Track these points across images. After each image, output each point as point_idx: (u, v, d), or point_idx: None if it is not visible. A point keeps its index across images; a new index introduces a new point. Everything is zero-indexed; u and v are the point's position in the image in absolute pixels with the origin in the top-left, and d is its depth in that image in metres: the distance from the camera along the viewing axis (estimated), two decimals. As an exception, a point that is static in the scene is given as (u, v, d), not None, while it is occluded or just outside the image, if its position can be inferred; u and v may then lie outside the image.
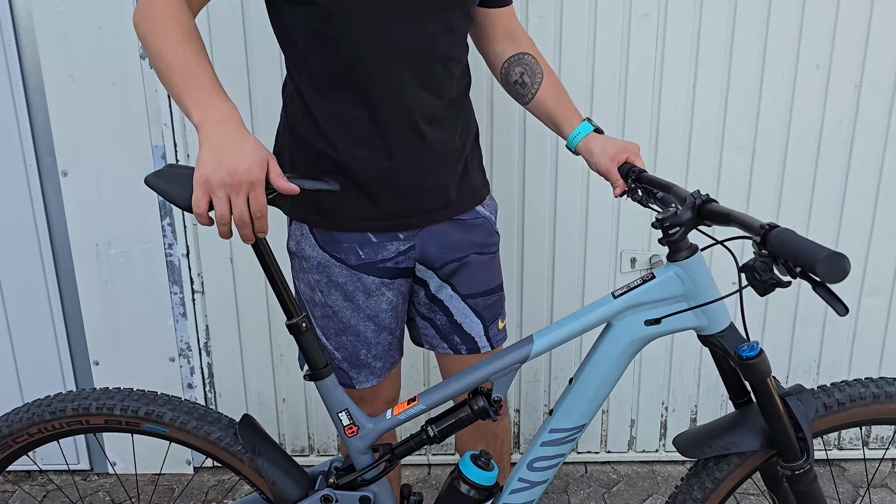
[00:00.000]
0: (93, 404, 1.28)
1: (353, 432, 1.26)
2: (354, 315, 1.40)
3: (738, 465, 1.22)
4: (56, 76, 1.92)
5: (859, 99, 1.98)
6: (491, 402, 1.22)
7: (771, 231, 0.94)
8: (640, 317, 1.18)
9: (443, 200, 1.38)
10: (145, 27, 1.12)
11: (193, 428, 1.28)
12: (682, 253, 1.15)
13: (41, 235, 2.05)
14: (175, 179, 1.11)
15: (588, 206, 2.06)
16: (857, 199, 2.06)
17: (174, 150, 1.99)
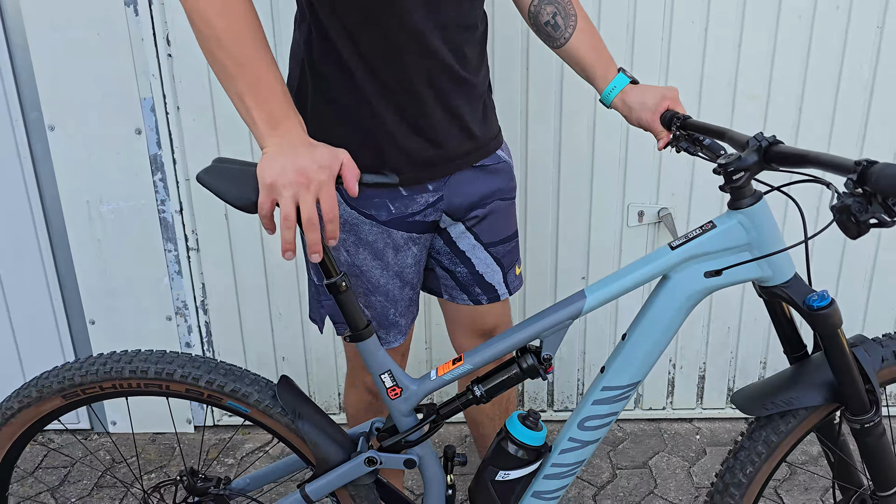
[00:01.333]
0: (152, 368, 1.22)
1: (397, 394, 1.21)
2: (384, 273, 1.35)
3: (802, 419, 1.18)
4: (38, 26, 1.84)
5: (881, 41, 1.88)
6: (541, 360, 1.17)
7: (872, 167, 0.87)
8: (700, 268, 1.12)
9: (468, 145, 1.33)
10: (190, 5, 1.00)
11: (231, 391, 1.23)
12: (746, 200, 1.08)
13: (31, 193, 2.00)
14: (230, 177, 1.06)
15: (594, 157, 1.99)
16: (876, 148, 1.97)
17: (163, 102, 1.92)
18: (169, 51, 1.88)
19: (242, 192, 1.04)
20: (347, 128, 1.24)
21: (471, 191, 1.37)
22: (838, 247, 2.07)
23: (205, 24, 1.00)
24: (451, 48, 1.24)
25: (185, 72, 1.90)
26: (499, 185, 1.41)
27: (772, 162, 1.01)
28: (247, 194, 1.04)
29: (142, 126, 1.93)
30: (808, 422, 1.18)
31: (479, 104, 1.35)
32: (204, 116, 1.94)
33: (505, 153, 1.43)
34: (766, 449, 1.19)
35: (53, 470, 2.09)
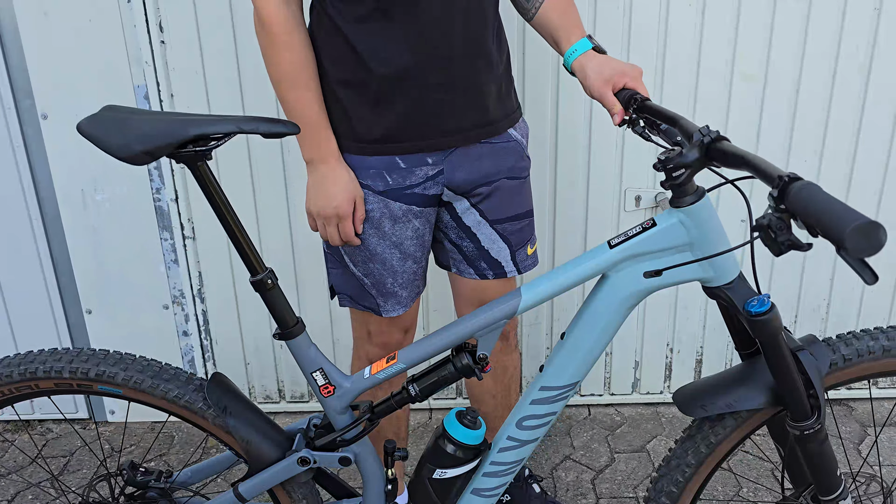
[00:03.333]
0: (40, 368, 1.22)
1: (330, 392, 1.20)
2: (380, 243, 1.38)
3: (738, 425, 1.13)
4: (29, 11, 1.82)
5: (878, 23, 1.87)
6: (476, 359, 1.15)
7: (791, 184, 0.80)
8: (639, 268, 1.08)
9: (473, 119, 1.34)
10: (263, 49, 1.28)
11: (149, 387, 1.22)
12: (688, 198, 1.02)
13: (24, 181, 1.98)
14: (115, 127, 1.06)
15: (591, 141, 1.98)
16: (874, 130, 1.97)
17: (157, 89, 1.90)
18: (162, 38, 1.86)
19: (125, 142, 1.04)
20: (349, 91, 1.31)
21: (474, 167, 1.38)
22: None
23: (268, 65, 1.28)
24: (464, 22, 1.28)
25: (178, 59, 1.88)
26: (506, 164, 1.42)
27: (713, 160, 0.95)
28: (130, 145, 1.04)
29: (135, 113, 1.91)
30: (749, 425, 1.14)
31: (492, 80, 1.36)
32: (198, 103, 1.92)
33: (518, 132, 1.44)
34: (700, 455, 1.16)
35: (49, 461, 2.10)
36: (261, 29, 1.26)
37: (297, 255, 2.07)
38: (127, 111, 1.09)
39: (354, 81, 1.29)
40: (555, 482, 1.95)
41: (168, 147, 1.04)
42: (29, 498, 1.95)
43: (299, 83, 1.27)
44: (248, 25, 1.84)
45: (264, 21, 1.24)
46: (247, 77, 1.90)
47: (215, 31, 1.86)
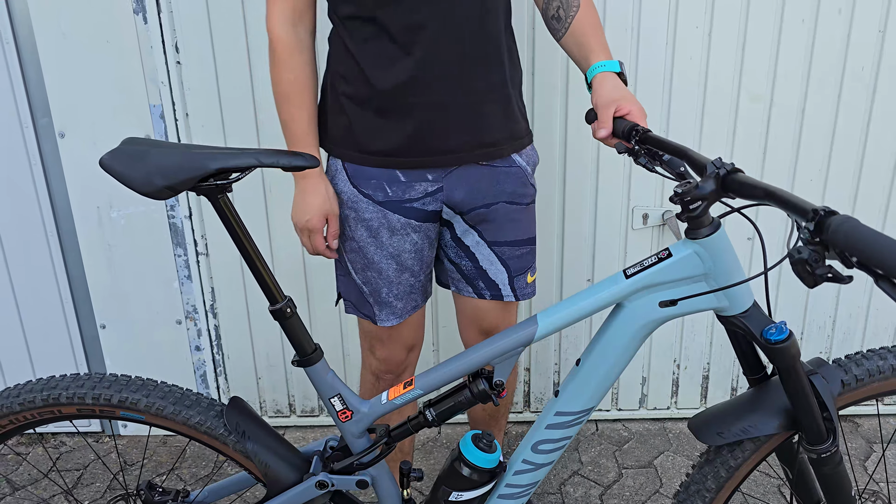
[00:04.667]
0: (63, 394, 1.23)
1: (347, 417, 1.23)
2: (378, 252, 1.44)
3: (756, 449, 1.15)
4: (47, 32, 1.86)
5: (883, 44, 1.90)
6: (492, 385, 1.16)
7: (829, 218, 0.80)
8: (655, 297, 1.09)
9: (473, 140, 1.38)
10: (269, 67, 1.38)
11: (171, 413, 1.23)
12: (704, 230, 1.03)
13: (41, 199, 2.01)
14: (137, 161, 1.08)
15: (599, 160, 2.00)
16: (879, 148, 1.99)
17: (172, 109, 1.93)
18: (178, 58, 1.90)
19: (147, 177, 1.06)
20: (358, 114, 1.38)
21: (474, 188, 1.42)
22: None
23: (272, 82, 1.38)
24: (469, 43, 1.32)
25: (193, 79, 1.92)
26: (506, 189, 1.45)
27: (729, 191, 0.96)
28: (152, 180, 1.06)
29: (151, 132, 1.94)
30: (765, 449, 1.16)
31: (495, 102, 1.39)
32: (212, 123, 1.96)
33: (524, 159, 1.47)
34: (720, 480, 1.17)
35: (63, 474, 2.12)
36: (269, 48, 1.36)
37: (308, 271, 2.09)
38: (147, 144, 1.11)
39: (359, 96, 1.36)
40: (563, 497, 1.97)
41: (190, 181, 1.07)
42: (43, 511, 1.97)
43: (293, 100, 1.37)
44: (262, 47, 1.88)
45: (272, 41, 1.35)
46: (260, 97, 1.93)
47: (230, 52, 1.89)
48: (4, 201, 2.01)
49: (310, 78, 1.38)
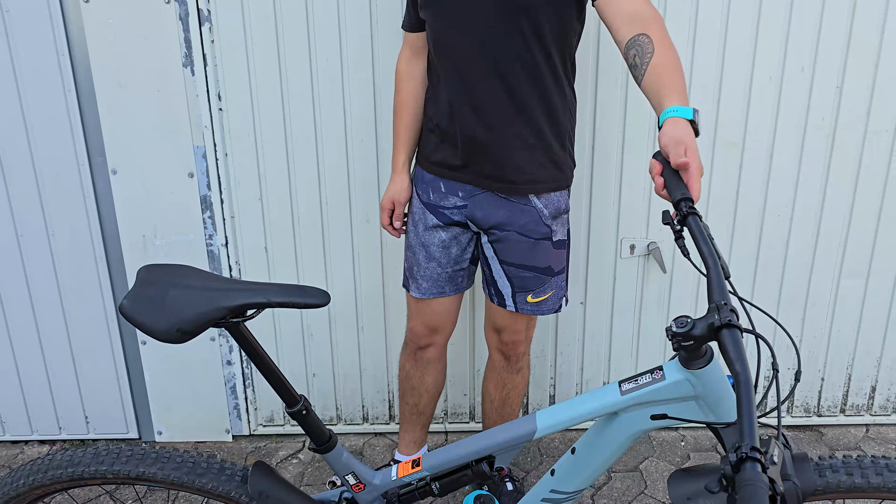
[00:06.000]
0: (86, 470, 1.32)
1: (361, 489, 1.39)
2: (415, 238, 1.86)
3: None
4: (105, 83, 2.10)
5: (840, 98, 2.16)
6: (493, 469, 1.29)
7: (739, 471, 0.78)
8: (646, 412, 1.17)
9: (494, 175, 1.71)
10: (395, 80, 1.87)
11: (187, 482, 1.34)
12: (698, 362, 1.09)
13: (93, 228, 2.24)
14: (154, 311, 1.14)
15: (592, 196, 2.26)
16: (838, 189, 2.25)
17: (214, 149, 2.17)
18: (220, 105, 2.14)
19: (168, 329, 1.13)
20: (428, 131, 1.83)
21: (490, 213, 1.75)
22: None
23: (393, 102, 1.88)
24: (505, 81, 1.63)
25: (233, 123, 2.16)
26: (519, 221, 1.74)
27: (716, 340, 0.98)
28: (171, 331, 1.13)
29: (194, 170, 2.18)
30: None
31: (521, 148, 1.68)
32: (249, 162, 2.20)
33: (541, 202, 1.75)
34: None
35: (108, 475, 2.33)
36: (396, 74, 1.85)
37: (359, 301, 2.33)
38: (163, 283, 1.18)
39: (428, 120, 1.82)
40: (559, 498, 2.21)
41: (207, 325, 1.17)
42: (91, 509, 2.19)
43: (397, 114, 1.87)
44: (298, 97, 2.12)
45: (396, 72, 1.86)
46: (293, 138, 2.17)
47: (268, 100, 2.13)
48: (60, 229, 2.24)
49: (412, 101, 1.83)
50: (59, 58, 2.08)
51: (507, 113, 1.65)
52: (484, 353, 2.13)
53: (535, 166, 1.71)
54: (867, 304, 2.39)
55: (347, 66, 2.11)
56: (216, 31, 2.07)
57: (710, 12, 2.07)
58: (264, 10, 2.05)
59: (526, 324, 1.90)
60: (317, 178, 2.21)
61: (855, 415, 2.53)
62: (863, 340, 2.44)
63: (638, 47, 1.35)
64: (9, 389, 2.42)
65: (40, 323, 2.34)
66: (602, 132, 2.18)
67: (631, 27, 1.39)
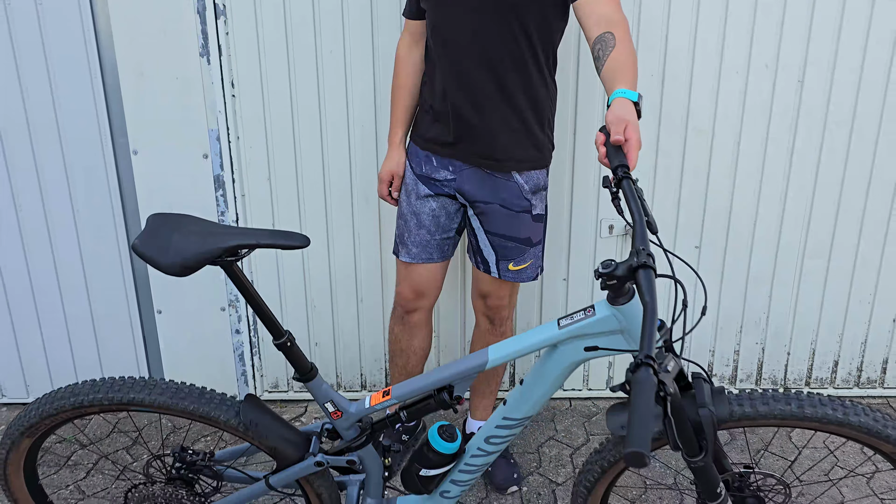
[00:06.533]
0: (84, 399, 1.50)
1: (339, 416, 1.55)
2: (407, 207, 2.06)
3: None
4: (129, 71, 2.30)
5: (802, 92, 2.36)
6: (452, 397, 1.46)
7: (639, 368, 0.95)
8: (581, 343, 1.36)
9: (481, 152, 1.91)
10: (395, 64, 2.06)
11: (188, 409, 1.52)
12: (621, 299, 1.29)
13: (114, 203, 2.44)
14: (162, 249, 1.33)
15: (573, 181, 2.45)
16: (800, 173, 2.44)
17: (227, 132, 2.37)
18: (233, 92, 2.34)
19: (172, 263, 1.33)
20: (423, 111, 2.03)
21: (477, 186, 1.95)
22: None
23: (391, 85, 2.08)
24: (494, 71, 1.82)
25: (245, 109, 2.36)
26: (501, 195, 1.94)
27: (634, 281, 1.13)
28: (175, 266, 1.32)
29: (208, 151, 2.38)
30: (654, 447, 1.40)
31: (506, 129, 1.88)
32: (259, 144, 2.39)
33: (523, 178, 1.94)
34: (607, 464, 1.47)
35: (121, 435, 2.53)
36: (396, 57, 2.05)
37: (359, 274, 2.53)
38: (169, 227, 1.36)
39: (423, 101, 2.00)
40: (540, 456, 2.40)
41: (206, 262, 1.36)
42: (109, 466, 2.38)
43: (395, 95, 2.06)
44: (305, 85, 2.32)
45: (395, 58, 2.05)
46: (300, 125, 2.37)
47: (277, 87, 2.33)
48: (84, 205, 2.44)
49: (409, 83, 2.02)
50: (86, 47, 2.28)
51: (495, 99, 1.85)
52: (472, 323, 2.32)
53: (518, 147, 1.92)
54: (829, 283, 2.57)
55: (350, 59, 2.31)
56: (230, 24, 2.27)
57: (682, 14, 2.27)
58: (275, 4, 2.25)
59: (509, 290, 2.09)
60: (321, 160, 2.41)
61: (819, 387, 2.71)
62: (826, 318, 2.62)
63: (602, 42, 1.55)
64: (34, 355, 2.62)
65: (64, 293, 2.54)
66: (582, 120, 2.38)
67: (600, 26, 1.59)
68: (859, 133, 2.39)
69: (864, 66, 2.32)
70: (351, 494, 1.64)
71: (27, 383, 2.66)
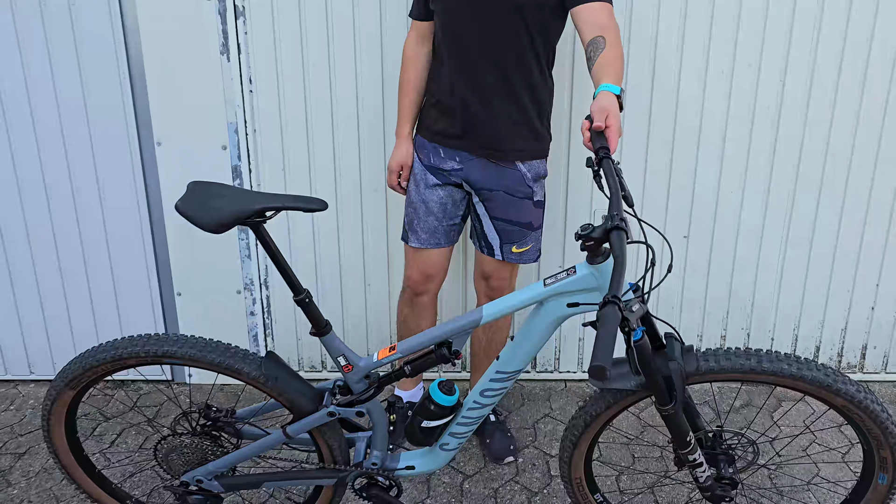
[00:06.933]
0: (123, 352, 1.66)
1: (349, 369, 1.69)
2: (416, 195, 2.20)
3: (627, 395, 1.62)
4: (154, 68, 2.47)
5: (783, 90, 2.51)
6: (451, 352, 1.60)
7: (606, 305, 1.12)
8: (563, 300, 1.53)
9: (487, 143, 2.07)
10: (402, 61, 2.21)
11: (216, 361, 1.67)
12: (598, 258, 1.45)
13: (139, 191, 2.61)
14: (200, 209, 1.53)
15: (568, 176, 2.61)
16: (783, 165, 2.59)
17: (244, 126, 2.54)
18: (250, 88, 2.51)
19: (210, 222, 1.50)
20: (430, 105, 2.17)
21: (482, 175, 2.11)
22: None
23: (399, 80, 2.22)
24: (499, 67, 1.99)
25: (261, 103, 2.52)
26: (505, 183, 2.10)
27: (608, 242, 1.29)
28: (212, 224, 1.50)
29: (227, 143, 2.54)
30: (632, 399, 1.61)
31: (510, 122, 2.04)
32: (274, 137, 2.56)
33: (525, 167, 2.11)
34: (599, 410, 1.63)
35: (144, 408, 2.70)
36: (403, 55, 2.20)
37: (366, 260, 2.69)
38: (205, 192, 1.56)
39: (430, 97, 2.15)
40: (535, 431, 2.55)
41: (238, 221, 1.53)
42: (132, 434, 2.55)
43: (403, 90, 2.21)
44: (318, 82, 2.49)
45: (403, 52, 2.20)
46: (313, 119, 2.53)
47: (290, 83, 2.50)
48: (110, 193, 2.61)
49: (416, 78, 2.17)
50: (115, 46, 2.45)
51: (500, 93, 2.02)
52: (474, 305, 2.47)
53: (521, 138, 2.08)
54: (810, 273, 2.72)
55: (360, 58, 2.47)
56: (249, 24, 2.44)
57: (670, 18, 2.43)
58: (290, 7, 2.42)
59: (510, 272, 2.25)
60: (332, 152, 2.58)
61: (801, 372, 2.86)
62: (807, 305, 2.77)
63: (595, 45, 1.75)
64: (61, 336, 2.79)
65: (90, 275, 2.71)
66: (577, 114, 2.53)
67: (593, 31, 1.79)
68: (838, 130, 2.54)
69: (842, 68, 2.47)
70: (359, 449, 1.80)
71: (54, 361, 2.83)
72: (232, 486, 1.80)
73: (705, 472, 1.65)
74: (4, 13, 2.41)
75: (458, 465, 2.37)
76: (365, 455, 1.79)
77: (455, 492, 2.26)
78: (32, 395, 2.79)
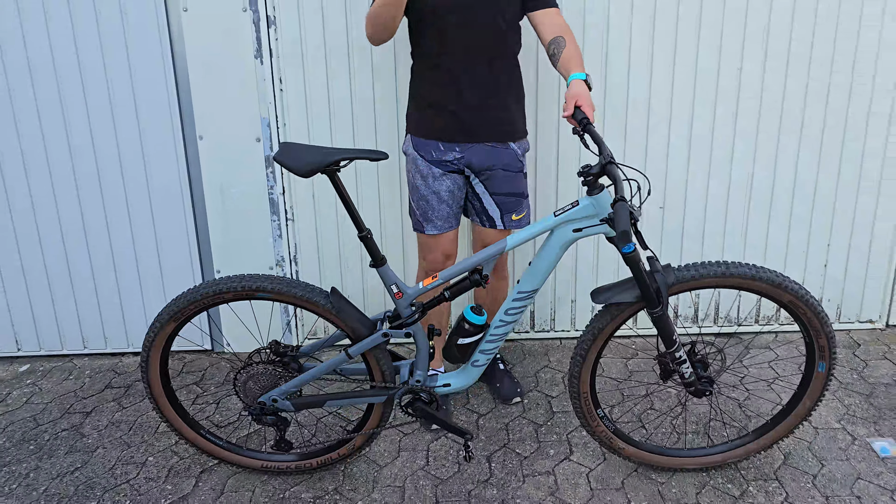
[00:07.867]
0: (224, 287, 1.99)
1: (400, 296, 2.04)
2: (426, 189, 2.44)
3: (626, 309, 2.01)
4: (197, 71, 2.82)
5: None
6: (482, 276, 1.99)
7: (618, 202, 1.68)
8: (570, 227, 1.94)
9: (484, 132, 2.39)
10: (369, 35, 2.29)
11: (296, 295, 2.00)
12: (595, 190, 1.87)
13: (182, 181, 2.96)
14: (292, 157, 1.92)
15: (559, 144, 3.00)
16: (742, 146, 3.01)
17: (275, 120, 2.90)
18: (281, 87, 2.87)
19: (300, 166, 1.88)
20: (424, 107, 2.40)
21: (482, 158, 2.43)
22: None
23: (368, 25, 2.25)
24: (488, 60, 2.32)
25: (290, 101, 2.88)
26: (503, 161, 2.44)
27: (606, 174, 1.76)
28: (302, 169, 1.88)
29: (260, 136, 2.90)
30: (629, 311, 1.99)
31: (502, 114, 2.38)
32: (301, 130, 2.92)
33: (516, 146, 2.46)
34: (604, 324, 2.01)
35: (189, 374, 3.04)
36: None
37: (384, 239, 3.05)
38: (294, 147, 1.92)
39: (422, 101, 2.38)
40: (537, 378, 2.93)
41: (321, 168, 1.88)
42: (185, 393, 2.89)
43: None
44: (339, 82, 2.85)
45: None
46: (334, 114, 2.90)
47: (315, 83, 2.87)
48: (158, 183, 2.95)
49: None
50: (162, 51, 2.80)
51: (491, 84, 2.37)
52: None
53: (510, 122, 2.45)
54: (770, 238, 3.13)
55: (375, 60, 2.84)
56: (280, 32, 2.81)
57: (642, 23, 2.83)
58: (315, 18, 2.79)
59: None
60: (352, 141, 2.94)
61: (766, 324, 3.27)
62: (768, 266, 3.18)
63: (556, 44, 2.23)
64: (111, 312, 3.12)
65: (139, 256, 3.05)
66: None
67: (554, 31, 2.27)
68: (788, 113, 2.96)
69: (789, 56, 2.89)
70: (403, 373, 2.17)
71: (105, 335, 3.16)
72: (300, 406, 2.15)
73: (689, 368, 2.04)
74: (64, 22, 2.75)
75: (473, 407, 2.74)
76: (409, 377, 2.16)
77: (472, 427, 2.63)
78: (87, 367, 3.12)
